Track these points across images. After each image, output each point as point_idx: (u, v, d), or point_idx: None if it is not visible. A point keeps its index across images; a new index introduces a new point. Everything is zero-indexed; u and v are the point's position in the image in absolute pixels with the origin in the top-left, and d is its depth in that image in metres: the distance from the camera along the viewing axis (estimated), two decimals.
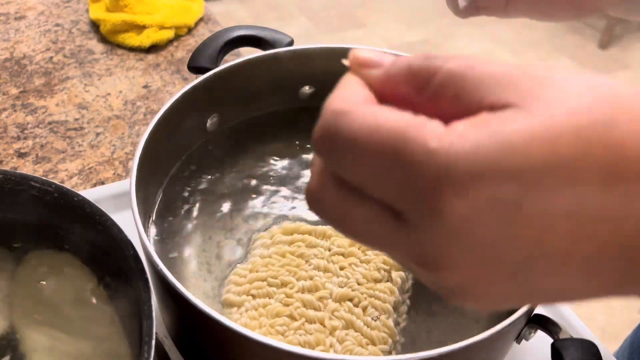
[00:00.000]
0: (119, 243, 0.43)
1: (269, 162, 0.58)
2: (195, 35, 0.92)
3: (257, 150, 0.59)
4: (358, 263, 0.47)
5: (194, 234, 0.52)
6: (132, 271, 0.41)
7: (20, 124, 0.75)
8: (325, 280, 0.46)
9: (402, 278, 0.47)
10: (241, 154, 0.59)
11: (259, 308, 0.45)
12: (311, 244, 0.48)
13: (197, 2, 0.95)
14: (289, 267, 0.47)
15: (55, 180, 0.54)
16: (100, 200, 0.48)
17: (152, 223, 0.52)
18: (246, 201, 0.55)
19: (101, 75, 0.83)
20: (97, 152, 0.72)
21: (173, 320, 0.48)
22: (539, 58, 2.55)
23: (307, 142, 0.60)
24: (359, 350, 0.42)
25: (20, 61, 0.84)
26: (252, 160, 0.58)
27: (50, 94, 0.79)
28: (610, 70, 2.49)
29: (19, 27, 0.91)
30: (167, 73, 0.84)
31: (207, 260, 0.50)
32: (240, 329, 0.37)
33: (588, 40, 2.66)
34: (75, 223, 0.45)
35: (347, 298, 0.45)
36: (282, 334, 0.43)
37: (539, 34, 2.70)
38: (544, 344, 0.42)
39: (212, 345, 0.44)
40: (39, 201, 0.45)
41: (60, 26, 0.92)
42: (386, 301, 0.45)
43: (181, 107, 0.53)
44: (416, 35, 2.59)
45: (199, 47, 0.58)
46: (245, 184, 0.56)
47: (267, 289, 0.45)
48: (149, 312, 0.39)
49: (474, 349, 0.38)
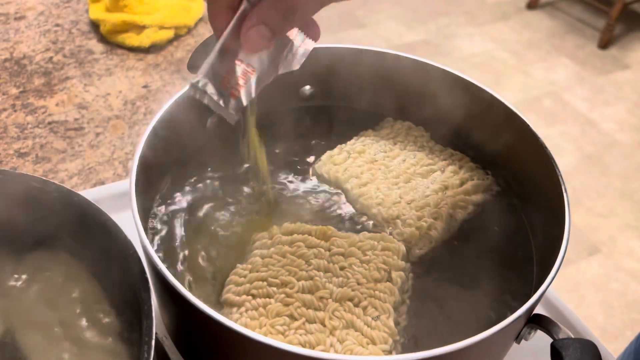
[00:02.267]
0: (119, 243, 0.43)
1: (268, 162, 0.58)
2: (195, 35, 0.92)
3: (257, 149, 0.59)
4: (358, 263, 0.47)
5: (194, 234, 0.52)
6: (131, 271, 0.41)
7: (20, 124, 0.75)
8: (326, 280, 0.46)
9: (402, 278, 0.47)
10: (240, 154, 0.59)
11: (259, 308, 0.45)
12: (311, 244, 0.48)
13: (197, 2, 0.95)
14: (289, 267, 0.47)
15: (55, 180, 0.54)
16: (100, 200, 0.48)
17: (152, 223, 0.52)
18: (247, 200, 0.55)
19: (101, 75, 0.83)
20: (97, 152, 0.72)
21: (173, 320, 0.48)
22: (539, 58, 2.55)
23: (308, 141, 0.60)
24: (360, 350, 0.42)
25: (20, 61, 0.84)
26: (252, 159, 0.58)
27: (50, 94, 0.79)
28: (610, 70, 2.49)
29: (19, 27, 0.91)
30: (167, 73, 0.84)
31: (207, 259, 0.50)
32: (240, 328, 0.37)
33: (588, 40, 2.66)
34: (75, 223, 0.45)
35: (347, 298, 0.45)
36: (283, 333, 0.43)
37: (539, 34, 2.70)
38: (544, 344, 0.42)
39: (212, 345, 0.44)
40: (39, 201, 0.45)
41: (60, 26, 0.92)
42: (386, 301, 0.45)
43: (181, 107, 0.53)
44: (416, 35, 2.58)
45: (198, 47, 0.58)
46: (245, 183, 0.56)
47: (267, 288, 0.45)
48: (149, 312, 0.39)
49: (474, 348, 0.38)
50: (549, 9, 2.89)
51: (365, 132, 0.61)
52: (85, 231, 0.45)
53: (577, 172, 2.03)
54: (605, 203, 1.92)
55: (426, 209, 0.53)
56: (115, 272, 0.43)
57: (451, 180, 0.56)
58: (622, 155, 2.12)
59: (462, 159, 0.59)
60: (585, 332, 0.55)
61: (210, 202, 0.54)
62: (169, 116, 0.51)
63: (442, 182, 0.56)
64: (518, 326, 0.43)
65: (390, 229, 0.52)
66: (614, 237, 1.82)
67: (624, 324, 1.58)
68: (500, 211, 0.56)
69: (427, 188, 0.55)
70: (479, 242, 0.53)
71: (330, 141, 0.60)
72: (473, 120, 0.59)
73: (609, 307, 1.62)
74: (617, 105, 2.32)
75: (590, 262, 1.74)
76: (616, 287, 1.68)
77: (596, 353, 0.40)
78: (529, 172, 0.54)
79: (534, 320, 0.43)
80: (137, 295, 0.40)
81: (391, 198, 0.54)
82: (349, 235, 0.50)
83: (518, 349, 0.49)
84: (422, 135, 0.61)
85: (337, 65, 0.61)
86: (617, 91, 2.39)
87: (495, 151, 0.58)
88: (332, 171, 0.56)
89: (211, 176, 0.57)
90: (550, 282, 0.42)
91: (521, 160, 0.55)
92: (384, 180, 0.56)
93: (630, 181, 2.02)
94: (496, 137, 0.57)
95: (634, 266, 1.74)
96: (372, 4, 2.74)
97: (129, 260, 0.42)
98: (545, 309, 0.57)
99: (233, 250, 0.51)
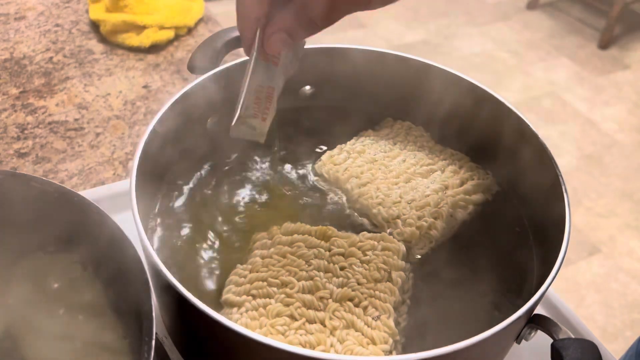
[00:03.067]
0: (119, 243, 0.43)
1: (269, 161, 0.58)
2: (195, 36, 0.92)
3: (257, 149, 0.59)
4: (358, 263, 0.47)
5: (194, 234, 0.52)
6: (132, 271, 0.41)
7: (20, 124, 0.75)
8: (326, 280, 0.46)
9: (402, 278, 0.47)
10: (241, 154, 0.59)
11: (260, 308, 0.45)
12: (311, 245, 0.48)
13: (197, 2, 0.95)
14: (289, 267, 0.47)
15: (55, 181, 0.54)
16: (100, 200, 0.48)
17: (152, 223, 0.52)
18: (246, 200, 0.55)
19: (101, 76, 0.83)
20: (97, 152, 0.72)
21: (173, 320, 0.48)
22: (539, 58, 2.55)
23: (308, 141, 0.60)
24: (360, 350, 0.42)
25: (20, 61, 0.84)
26: (252, 159, 0.58)
27: (50, 94, 0.79)
28: (610, 70, 2.49)
29: (19, 27, 0.91)
30: (167, 73, 0.85)
31: (207, 259, 0.50)
32: (240, 329, 0.37)
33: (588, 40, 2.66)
34: (75, 223, 0.45)
35: (348, 298, 0.45)
36: (283, 333, 0.43)
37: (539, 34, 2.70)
38: (544, 344, 0.42)
39: (213, 345, 0.44)
40: (39, 201, 0.45)
41: (60, 26, 0.92)
42: (386, 301, 0.45)
43: (181, 107, 0.53)
44: (416, 35, 2.59)
45: (199, 47, 0.58)
46: (245, 183, 0.56)
47: (267, 289, 0.45)
48: (149, 312, 0.39)
49: (474, 348, 0.38)
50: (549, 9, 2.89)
51: (365, 132, 0.61)
52: (85, 231, 0.45)
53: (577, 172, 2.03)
54: (605, 203, 1.92)
55: (426, 209, 0.53)
56: (115, 272, 0.43)
57: (451, 180, 0.56)
58: (622, 155, 2.12)
59: (462, 158, 0.59)
60: (585, 332, 0.55)
61: (210, 201, 0.54)
62: (169, 116, 0.51)
63: (442, 181, 0.56)
64: (518, 326, 0.43)
65: (391, 229, 0.52)
66: (614, 237, 1.82)
67: (624, 324, 1.58)
68: (500, 211, 0.56)
69: (427, 188, 0.55)
70: (479, 242, 0.53)
71: (330, 141, 0.60)
72: (473, 120, 0.59)
73: (609, 307, 1.62)
74: (617, 105, 2.32)
75: (590, 262, 1.74)
76: (616, 287, 1.68)
77: (596, 353, 0.40)
78: (529, 172, 0.54)
79: (534, 321, 0.43)
80: (137, 295, 0.40)
81: (391, 198, 0.54)
82: (349, 235, 0.50)
83: (518, 349, 0.49)
84: (422, 135, 0.61)
85: (337, 65, 0.61)
86: (617, 91, 2.39)
87: (495, 151, 0.58)
88: (332, 171, 0.56)
89: (211, 176, 0.57)
90: (550, 282, 0.42)
91: (521, 160, 0.55)
92: (384, 180, 0.56)
93: (630, 181, 2.02)
94: (496, 137, 0.57)
95: (634, 266, 1.74)
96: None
97: (129, 261, 0.42)
98: (545, 309, 0.57)
99: (233, 250, 0.51)
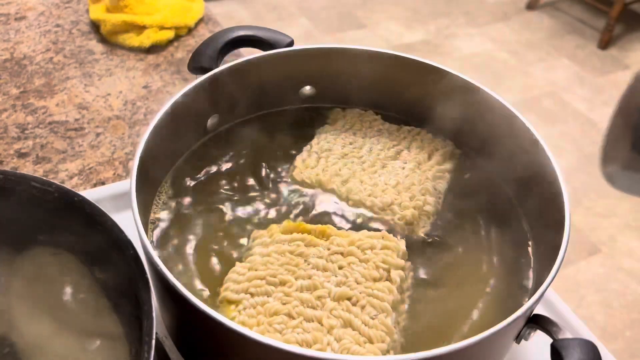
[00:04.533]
0: (119, 243, 0.43)
1: (269, 162, 0.58)
2: (195, 36, 0.92)
3: (257, 150, 0.59)
4: (357, 262, 0.47)
5: (194, 234, 0.52)
6: (132, 271, 0.41)
7: (20, 124, 0.75)
8: (324, 279, 0.46)
9: (401, 277, 0.47)
10: (241, 154, 0.59)
11: (257, 306, 0.45)
12: (310, 243, 0.48)
13: (197, 2, 0.95)
14: (288, 265, 0.47)
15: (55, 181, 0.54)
16: (100, 200, 0.48)
17: (152, 223, 0.52)
18: (246, 200, 0.55)
19: (101, 76, 0.83)
20: (97, 152, 0.72)
21: (173, 320, 0.48)
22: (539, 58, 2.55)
23: (307, 142, 0.60)
24: (357, 349, 0.42)
25: (20, 61, 0.84)
26: (252, 160, 0.58)
27: (51, 94, 0.79)
28: (610, 70, 2.49)
29: (19, 27, 0.91)
30: (167, 73, 0.85)
31: (207, 259, 0.50)
32: (237, 327, 0.37)
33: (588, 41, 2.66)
34: (75, 223, 0.45)
35: (346, 297, 0.45)
36: (280, 332, 0.43)
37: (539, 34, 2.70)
38: (544, 344, 0.42)
39: (211, 344, 0.44)
40: (39, 201, 0.45)
41: (61, 27, 0.92)
42: (384, 300, 0.45)
43: (181, 107, 0.53)
44: (416, 36, 2.58)
45: (199, 48, 0.59)
46: (245, 183, 0.56)
47: (265, 287, 0.45)
48: (149, 312, 0.39)
49: (474, 348, 0.38)
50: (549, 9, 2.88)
51: (322, 127, 0.61)
52: (86, 231, 0.45)
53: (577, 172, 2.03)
54: (605, 203, 1.92)
55: (412, 188, 0.55)
56: (116, 272, 0.43)
57: (420, 156, 0.58)
58: None
59: (419, 132, 0.61)
60: (585, 332, 0.55)
61: (210, 201, 0.54)
62: (169, 116, 0.51)
63: (413, 159, 0.58)
64: (518, 326, 0.43)
65: (390, 216, 0.53)
66: (614, 237, 1.82)
67: (623, 324, 1.58)
68: (500, 211, 0.56)
69: (403, 169, 0.57)
70: (478, 243, 0.53)
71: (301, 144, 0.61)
72: (473, 120, 0.59)
73: (609, 307, 1.62)
74: None
75: (590, 262, 1.74)
76: (616, 287, 1.68)
77: (596, 353, 0.40)
78: (529, 172, 0.54)
79: (533, 321, 0.43)
80: (137, 295, 0.40)
81: (378, 187, 0.55)
82: (348, 233, 0.50)
83: (518, 349, 0.49)
84: (375, 119, 0.63)
85: (337, 65, 0.61)
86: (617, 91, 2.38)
87: (495, 151, 0.58)
88: (312, 175, 0.56)
89: (211, 176, 0.57)
90: (550, 282, 0.42)
91: (521, 160, 0.55)
92: (363, 172, 0.57)
93: None
94: (496, 137, 0.57)
95: (634, 266, 1.73)
96: (372, 4, 2.74)
97: (129, 261, 0.42)
98: (545, 309, 0.57)
99: (233, 249, 0.51)
